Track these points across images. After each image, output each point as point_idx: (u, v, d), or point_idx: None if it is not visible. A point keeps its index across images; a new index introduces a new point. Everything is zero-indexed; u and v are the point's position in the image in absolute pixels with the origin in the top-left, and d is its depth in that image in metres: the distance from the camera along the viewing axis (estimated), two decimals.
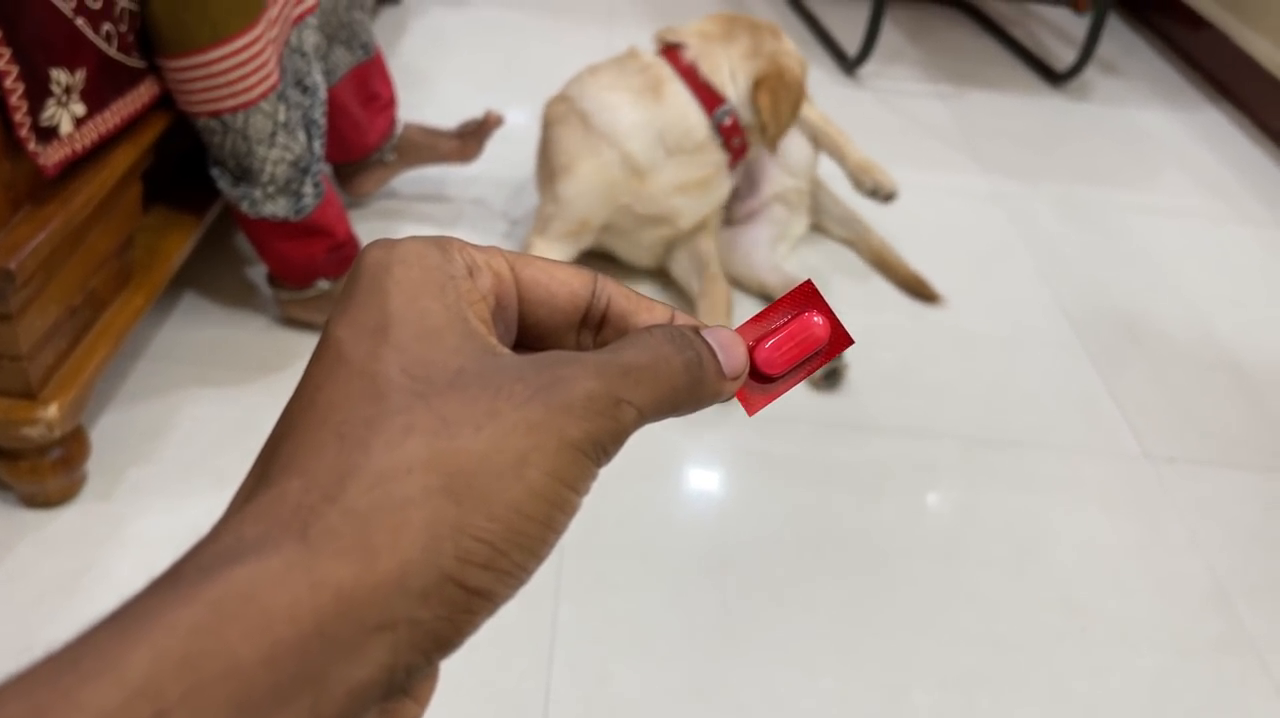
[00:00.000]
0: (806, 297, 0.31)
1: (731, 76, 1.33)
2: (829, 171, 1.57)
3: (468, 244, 0.27)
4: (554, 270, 0.29)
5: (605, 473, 0.25)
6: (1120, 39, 2.59)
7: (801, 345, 0.31)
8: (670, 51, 1.35)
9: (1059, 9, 2.75)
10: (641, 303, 0.30)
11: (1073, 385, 1.41)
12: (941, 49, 2.41)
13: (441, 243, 0.26)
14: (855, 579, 1.08)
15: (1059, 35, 2.60)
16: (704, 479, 1.19)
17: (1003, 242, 1.71)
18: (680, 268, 1.42)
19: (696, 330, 0.29)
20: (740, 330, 0.31)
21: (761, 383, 0.30)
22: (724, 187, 1.39)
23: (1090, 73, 2.31)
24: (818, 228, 1.63)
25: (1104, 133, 2.13)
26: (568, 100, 1.36)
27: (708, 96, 1.32)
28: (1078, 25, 2.66)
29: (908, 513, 1.17)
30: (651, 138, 1.30)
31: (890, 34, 2.41)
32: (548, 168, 1.36)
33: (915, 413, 1.32)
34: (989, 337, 1.48)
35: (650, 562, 1.07)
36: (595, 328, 0.30)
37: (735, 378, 0.29)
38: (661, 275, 1.49)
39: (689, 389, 0.27)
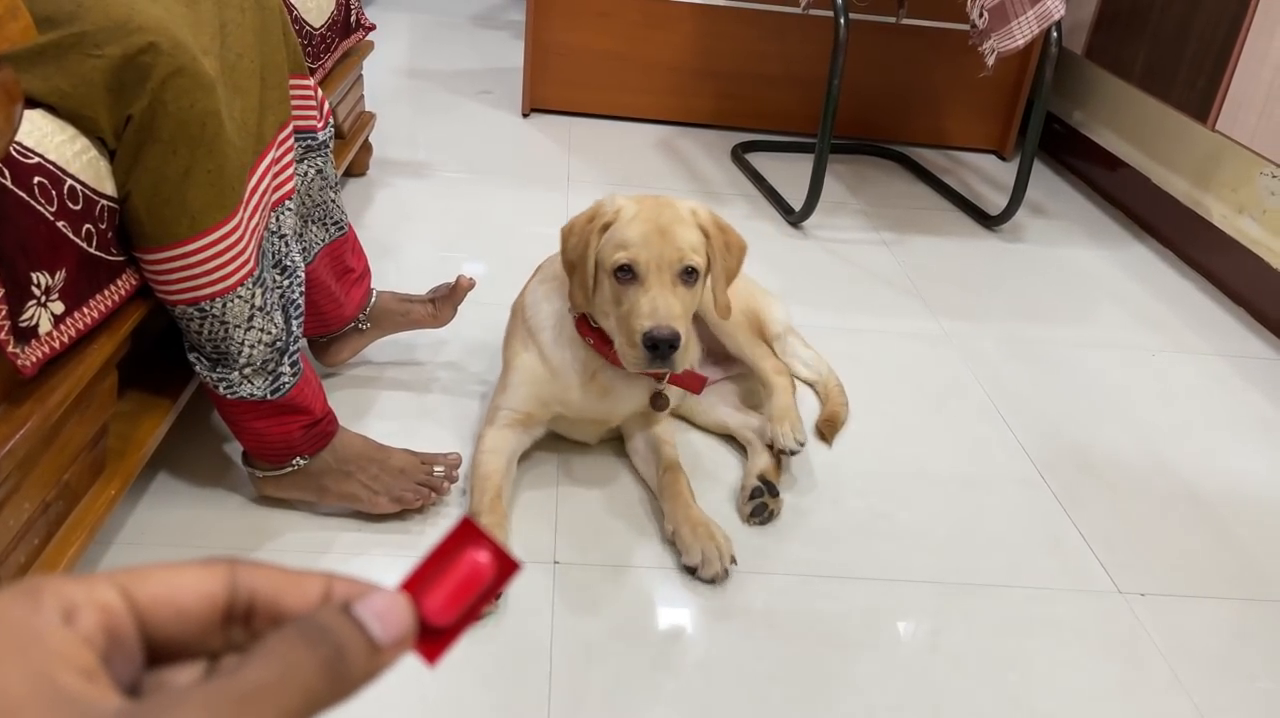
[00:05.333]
0: (467, 534, 0.32)
1: None
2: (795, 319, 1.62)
3: (67, 582, 0.26)
4: (179, 579, 0.28)
5: (583, 635, 0.25)
6: (1045, 182, 2.75)
7: (468, 587, 0.32)
8: None
9: (986, 156, 2.94)
10: (290, 582, 0.29)
11: (1039, 523, 1.43)
12: (881, 198, 2.54)
13: (31, 590, 0.25)
14: None
15: (987, 180, 2.75)
16: (685, 640, 1.18)
17: (957, 381, 1.76)
18: (638, 457, 1.42)
19: (347, 607, 0.28)
20: (407, 585, 0.31)
21: (437, 631, 0.31)
22: (643, 387, 1.34)
23: (1021, 215, 2.44)
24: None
25: (1040, 271, 2.24)
26: (523, 294, 1.42)
27: None
28: (1005, 171, 2.83)
29: (892, 665, 1.17)
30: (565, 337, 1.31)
31: (832, 186, 2.54)
32: (503, 359, 1.41)
33: (889, 560, 1.33)
34: (953, 477, 1.51)
35: None
36: (244, 621, 0.28)
37: (397, 644, 0.28)
38: (615, 444, 1.50)
39: (330, 687, 0.26)
